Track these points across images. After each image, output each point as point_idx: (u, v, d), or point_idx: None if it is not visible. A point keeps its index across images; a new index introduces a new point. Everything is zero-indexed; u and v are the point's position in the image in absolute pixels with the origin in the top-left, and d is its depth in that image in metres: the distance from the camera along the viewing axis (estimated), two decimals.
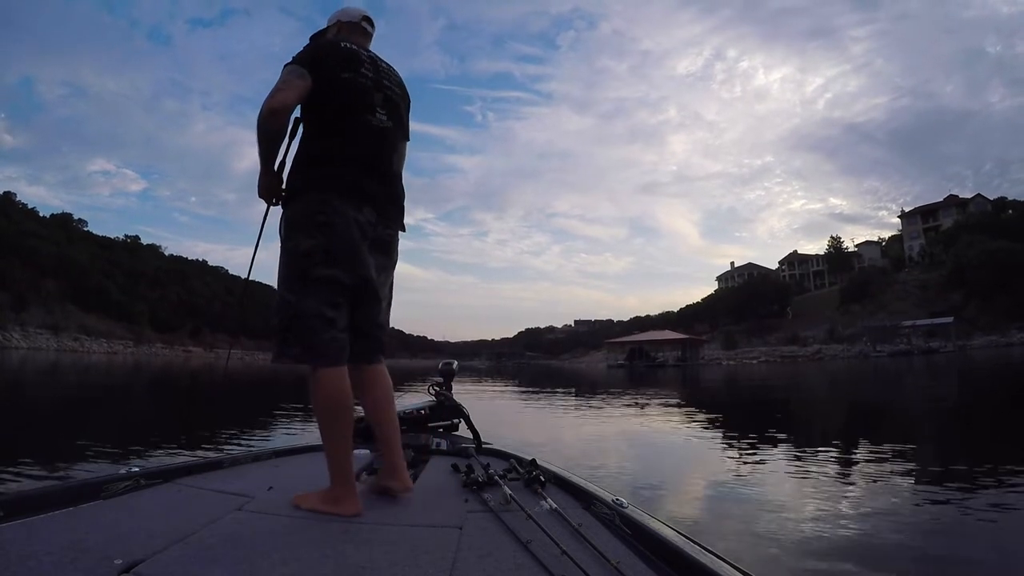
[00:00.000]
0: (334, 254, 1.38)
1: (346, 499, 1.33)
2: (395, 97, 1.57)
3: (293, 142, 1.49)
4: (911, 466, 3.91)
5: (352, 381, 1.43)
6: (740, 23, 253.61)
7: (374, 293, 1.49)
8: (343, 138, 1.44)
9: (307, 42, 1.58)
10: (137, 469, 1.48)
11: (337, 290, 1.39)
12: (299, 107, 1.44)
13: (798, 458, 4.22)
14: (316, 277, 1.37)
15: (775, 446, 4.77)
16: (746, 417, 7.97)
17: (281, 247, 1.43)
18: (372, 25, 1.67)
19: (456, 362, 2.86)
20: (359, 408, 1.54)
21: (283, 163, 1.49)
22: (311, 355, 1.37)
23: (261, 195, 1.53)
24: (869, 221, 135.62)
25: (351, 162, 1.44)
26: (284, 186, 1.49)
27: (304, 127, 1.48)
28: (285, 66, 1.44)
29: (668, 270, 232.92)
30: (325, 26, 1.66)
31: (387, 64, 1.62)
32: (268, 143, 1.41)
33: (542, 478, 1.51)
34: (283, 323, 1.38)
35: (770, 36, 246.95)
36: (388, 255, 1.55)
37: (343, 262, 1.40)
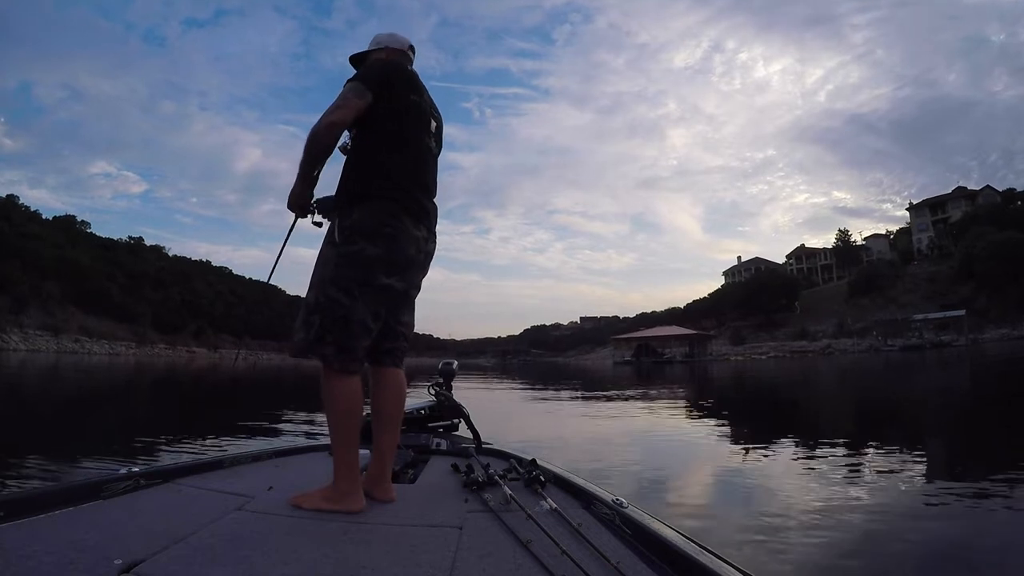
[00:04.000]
0: (395, 265, 1.44)
1: (351, 495, 1.35)
2: (440, 126, 1.68)
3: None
4: (922, 464, 3.87)
5: (371, 381, 1.51)
6: (735, 12, 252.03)
7: (409, 300, 1.60)
8: (406, 155, 1.51)
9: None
10: (137, 469, 1.48)
11: (386, 300, 1.45)
12: (364, 119, 1.47)
13: (807, 456, 4.18)
14: (377, 285, 1.41)
15: (784, 444, 4.74)
16: (755, 414, 7.93)
17: (337, 248, 1.43)
18: (414, 53, 1.72)
19: (456, 362, 2.86)
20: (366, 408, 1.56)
21: (316, 178, 1.54)
22: (343, 358, 1.39)
23: (291, 207, 1.56)
24: (873, 214, 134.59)
25: (413, 180, 1.51)
26: (345, 191, 1.50)
27: (365, 139, 1.50)
28: (348, 82, 1.48)
29: (671, 266, 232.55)
30: (367, 48, 1.68)
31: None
32: (316, 156, 1.46)
33: (542, 478, 1.51)
34: (325, 322, 1.38)
35: (767, 25, 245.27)
36: (427, 267, 1.63)
37: (398, 273, 1.46)
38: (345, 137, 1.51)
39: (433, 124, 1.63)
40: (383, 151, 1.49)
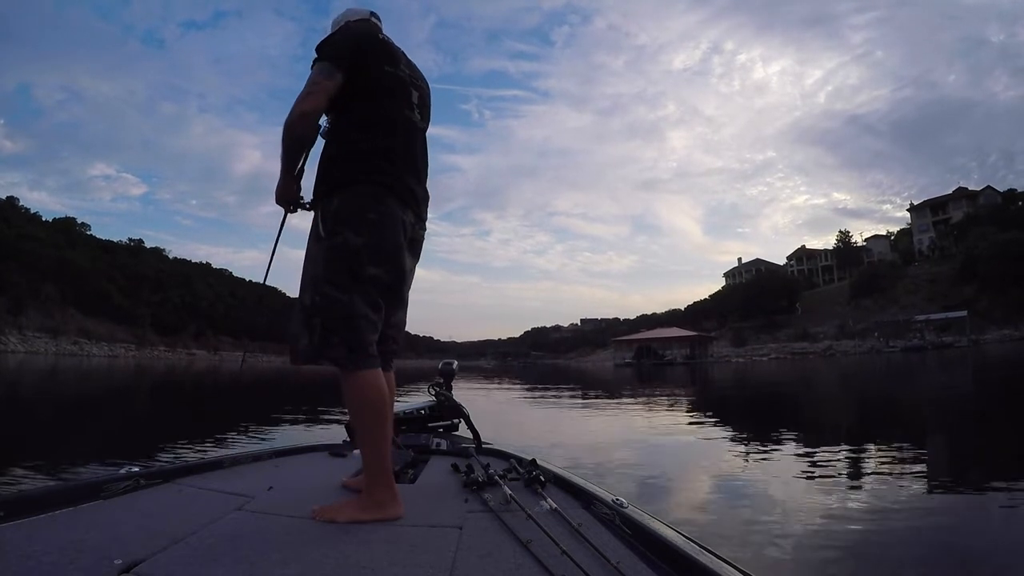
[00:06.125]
0: (381, 253, 1.35)
1: (391, 503, 1.29)
2: (424, 95, 1.55)
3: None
4: (923, 466, 3.85)
5: None
6: (734, 12, 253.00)
7: (400, 295, 1.48)
8: (387, 135, 1.40)
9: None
10: (137, 469, 1.47)
11: (380, 291, 1.37)
12: (336, 99, 1.37)
13: (807, 458, 4.17)
14: (366, 276, 1.33)
15: (785, 446, 4.73)
16: (756, 416, 7.92)
17: (323, 243, 1.35)
18: (380, 20, 1.61)
19: (456, 362, 2.86)
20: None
21: (302, 170, 1.45)
22: (357, 357, 1.30)
23: (279, 202, 1.47)
24: (873, 215, 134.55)
25: (398, 161, 1.40)
26: (322, 182, 1.41)
27: (343, 120, 1.41)
28: (315, 62, 1.36)
29: (671, 268, 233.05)
30: (331, 32, 1.55)
31: (412, 61, 1.57)
32: (294, 148, 1.37)
33: (542, 478, 1.50)
34: (328, 323, 1.30)
35: (766, 25, 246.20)
36: (416, 257, 1.53)
37: (387, 262, 1.37)
38: (324, 120, 1.41)
39: (415, 95, 1.49)
40: (361, 132, 1.38)
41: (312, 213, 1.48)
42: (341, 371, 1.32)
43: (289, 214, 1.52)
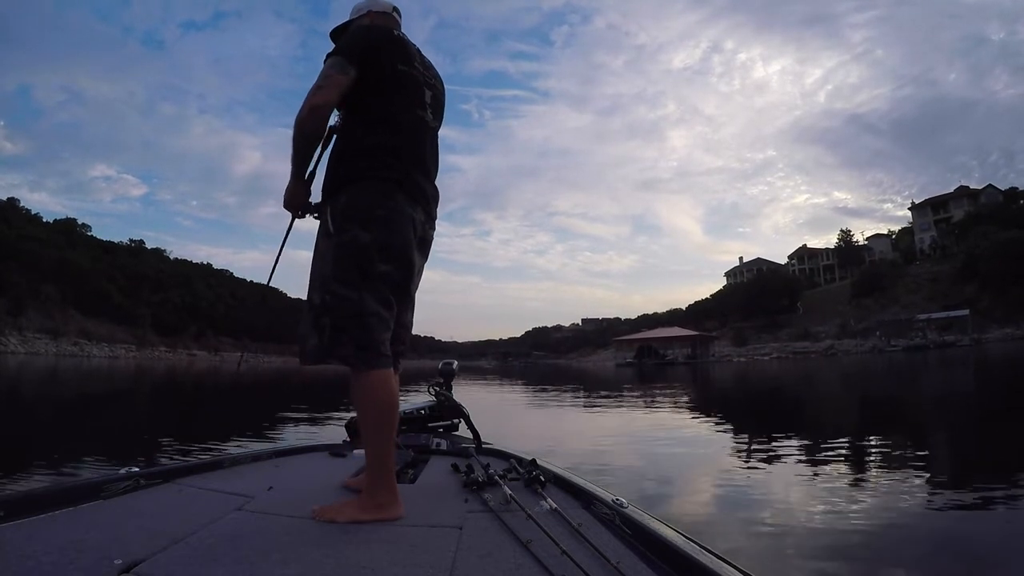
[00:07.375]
0: (391, 250, 1.33)
1: (391, 504, 1.28)
2: (438, 95, 1.54)
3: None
4: (925, 466, 3.84)
5: None
6: (734, 11, 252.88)
7: (409, 294, 1.46)
8: (396, 132, 1.39)
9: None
10: (137, 469, 1.48)
11: (391, 287, 1.35)
12: (348, 96, 1.36)
13: (809, 457, 4.17)
14: (376, 273, 1.31)
15: (786, 445, 4.72)
16: (757, 416, 7.91)
17: (332, 240, 1.33)
18: (400, 15, 1.60)
19: (456, 362, 2.85)
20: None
21: (313, 173, 1.43)
22: (368, 356, 1.28)
23: (287, 207, 1.46)
24: (874, 214, 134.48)
25: (408, 159, 1.39)
26: (331, 179, 1.40)
27: (352, 117, 1.40)
28: (328, 56, 1.36)
29: (672, 267, 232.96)
30: (349, 19, 1.57)
31: (428, 59, 1.56)
32: (305, 144, 1.35)
33: (542, 478, 1.50)
34: (337, 321, 1.29)
35: (766, 24, 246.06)
36: (425, 257, 1.52)
37: (396, 259, 1.35)
38: (335, 117, 1.40)
39: (428, 94, 1.48)
40: (371, 130, 1.37)
41: (320, 220, 1.46)
42: (351, 370, 1.30)
43: (297, 219, 1.51)
